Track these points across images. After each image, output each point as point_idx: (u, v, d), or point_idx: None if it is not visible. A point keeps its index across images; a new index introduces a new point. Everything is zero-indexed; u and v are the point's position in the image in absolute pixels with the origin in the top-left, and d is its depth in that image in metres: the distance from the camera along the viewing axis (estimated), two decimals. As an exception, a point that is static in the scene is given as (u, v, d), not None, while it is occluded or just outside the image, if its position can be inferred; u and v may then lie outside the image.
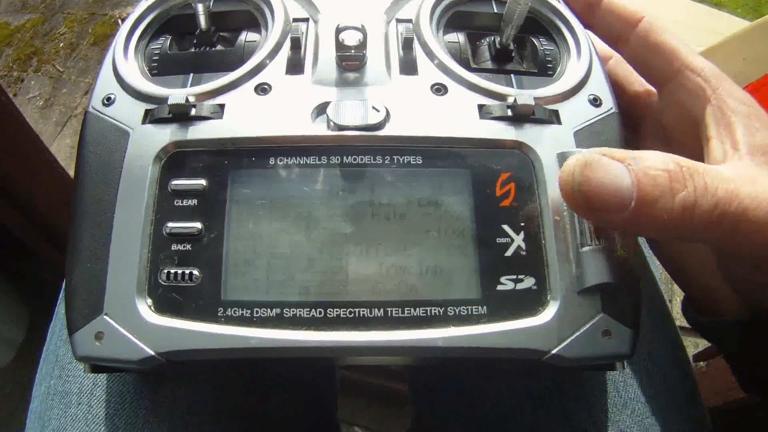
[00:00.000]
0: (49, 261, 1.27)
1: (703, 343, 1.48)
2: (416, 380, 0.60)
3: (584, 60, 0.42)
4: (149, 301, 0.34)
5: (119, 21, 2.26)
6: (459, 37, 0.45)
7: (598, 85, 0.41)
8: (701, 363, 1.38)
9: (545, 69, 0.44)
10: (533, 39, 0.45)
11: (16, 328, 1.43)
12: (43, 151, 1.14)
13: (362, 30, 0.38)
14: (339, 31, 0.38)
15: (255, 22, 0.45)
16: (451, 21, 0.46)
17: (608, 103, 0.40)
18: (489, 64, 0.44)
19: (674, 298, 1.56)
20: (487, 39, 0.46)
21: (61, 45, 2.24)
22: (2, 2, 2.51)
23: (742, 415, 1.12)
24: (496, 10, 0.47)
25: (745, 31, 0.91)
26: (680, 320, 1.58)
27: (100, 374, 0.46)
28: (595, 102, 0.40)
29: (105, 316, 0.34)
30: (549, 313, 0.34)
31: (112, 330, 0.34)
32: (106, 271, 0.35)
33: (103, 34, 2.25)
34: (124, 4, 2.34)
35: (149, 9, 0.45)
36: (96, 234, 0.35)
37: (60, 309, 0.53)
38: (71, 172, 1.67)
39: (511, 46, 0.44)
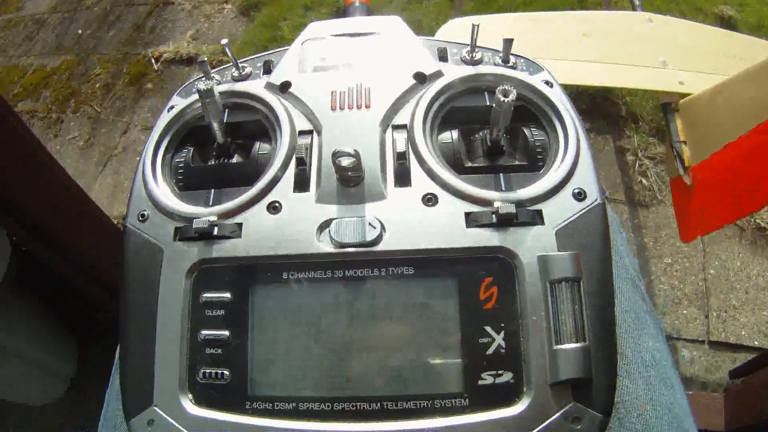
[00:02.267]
0: (94, 299, 1.37)
1: (740, 358, 1.48)
2: None
3: (571, 149, 0.45)
4: (190, 395, 0.42)
5: (152, 60, 2.37)
6: (453, 135, 0.49)
7: (584, 177, 0.44)
8: (737, 380, 1.39)
9: (535, 160, 0.47)
10: (524, 129, 0.49)
11: (68, 362, 1.53)
12: (84, 202, 1.24)
13: (356, 155, 0.42)
14: (335, 155, 0.42)
15: (266, 131, 0.51)
16: (446, 117, 0.50)
17: (593, 195, 0.44)
18: (481, 161, 0.48)
19: (710, 313, 1.57)
20: (481, 133, 0.49)
21: (98, 86, 2.37)
22: (37, 45, 2.66)
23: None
24: (488, 103, 0.50)
25: (752, 71, 0.89)
26: (716, 335, 1.54)
27: None
28: (579, 196, 0.44)
29: (155, 407, 0.42)
30: (523, 403, 0.39)
31: (161, 419, 0.42)
32: (153, 368, 0.42)
33: (137, 73, 2.37)
34: (156, 43, 2.45)
35: (168, 126, 0.52)
36: (143, 336, 0.43)
37: (115, 380, 0.60)
38: (111, 213, 1.73)
39: (502, 141, 0.48)
